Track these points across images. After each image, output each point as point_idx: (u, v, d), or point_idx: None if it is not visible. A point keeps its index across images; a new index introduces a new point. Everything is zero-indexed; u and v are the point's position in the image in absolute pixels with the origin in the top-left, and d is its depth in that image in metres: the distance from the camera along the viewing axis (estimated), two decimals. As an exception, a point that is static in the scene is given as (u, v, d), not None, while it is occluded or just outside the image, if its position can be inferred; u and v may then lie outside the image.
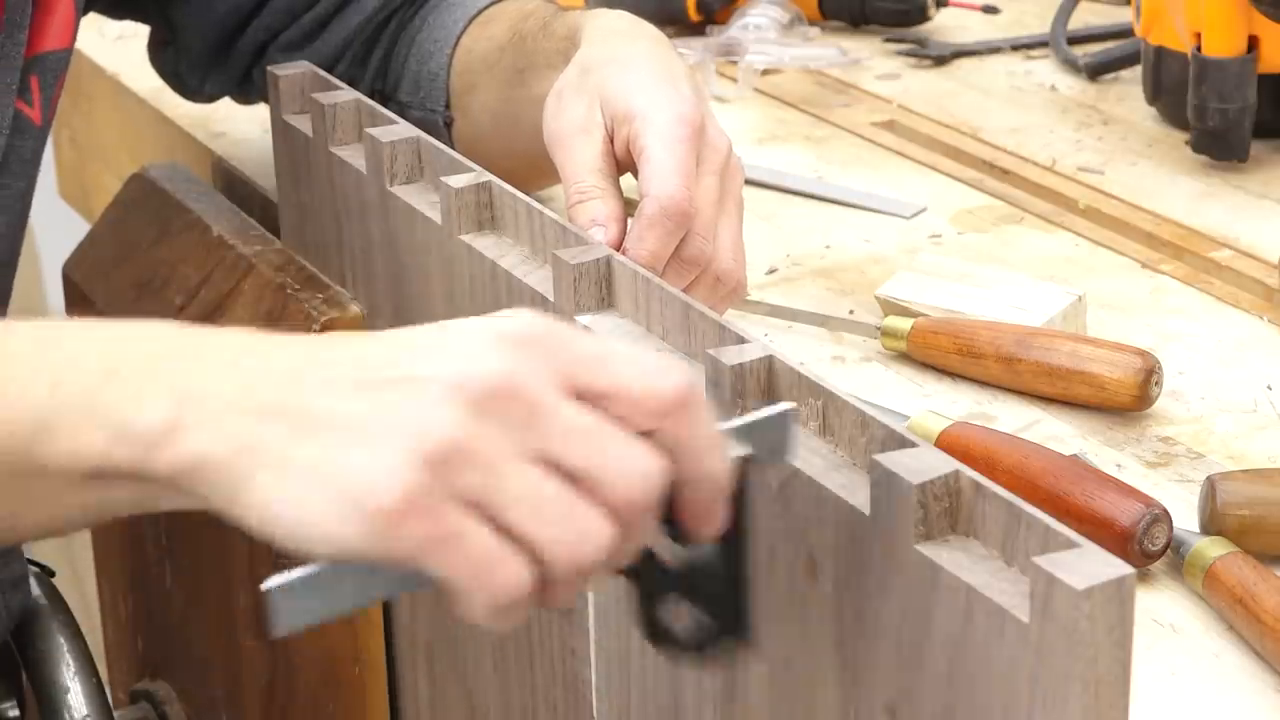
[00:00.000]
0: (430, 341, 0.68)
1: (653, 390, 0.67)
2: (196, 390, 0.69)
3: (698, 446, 0.68)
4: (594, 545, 0.65)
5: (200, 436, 0.68)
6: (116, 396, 0.69)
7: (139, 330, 0.73)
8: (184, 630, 1.26)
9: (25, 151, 1.07)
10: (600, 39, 1.05)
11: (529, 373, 0.66)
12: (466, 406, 0.65)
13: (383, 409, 0.66)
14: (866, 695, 0.73)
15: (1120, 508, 0.87)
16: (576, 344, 0.68)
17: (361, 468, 0.65)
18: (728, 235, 0.99)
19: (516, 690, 1.02)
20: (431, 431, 0.65)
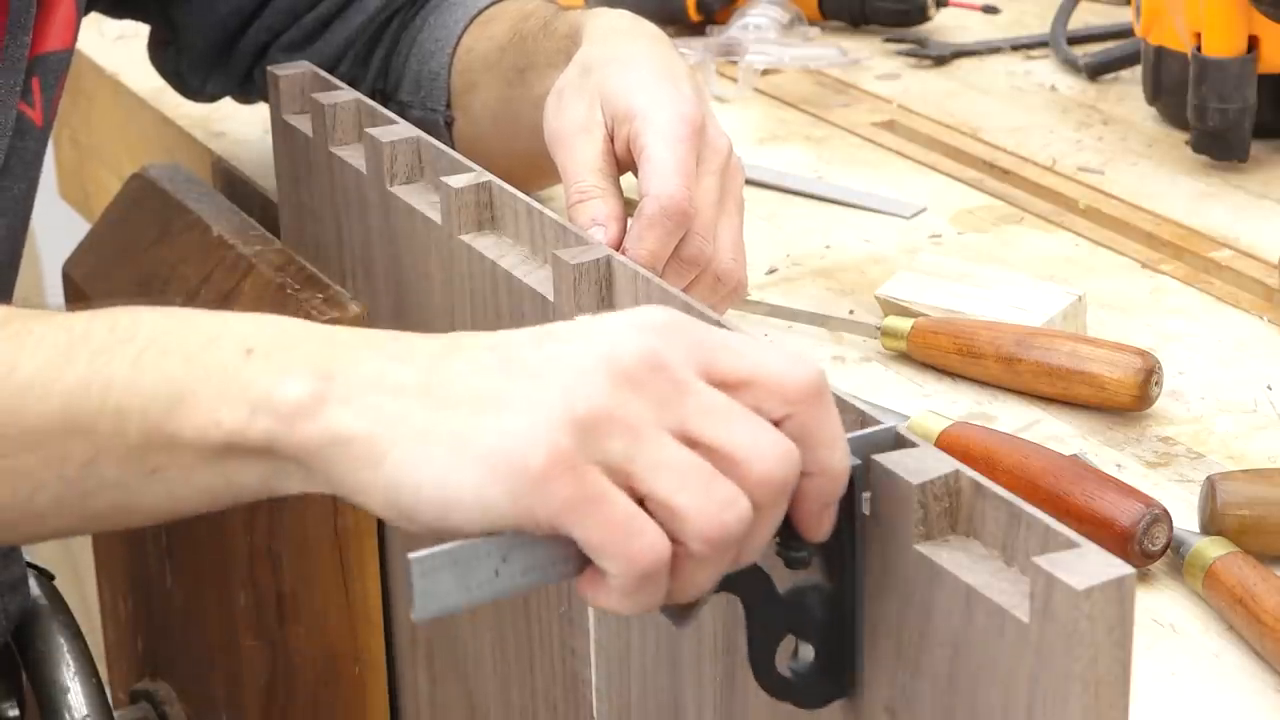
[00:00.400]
0: (573, 330, 0.69)
1: (787, 378, 0.68)
2: (338, 368, 0.69)
3: (825, 437, 0.68)
4: (734, 516, 0.66)
5: (341, 411, 0.68)
6: (257, 371, 0.70)
7: (270, 319, 0.74)
8: (184, 630, 1.26)
9: (27, 153, 1.06)
10: (601, 38, 1.05)
11: (672, 353, 0.67)
12: (612, 378, 0.66)
13: (529, 384, 0.67)
14: (866, 695, 0.73)
15: (1120, 508, 0.87)
16: (713, 332, 0.69)
17: (509, 431, 0.66)
18: (728, 235, 0.99)
19: (516, 690, 1.02)
20: (578, 398, 0.66)
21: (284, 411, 0.69)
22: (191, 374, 0.71)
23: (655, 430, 0.66)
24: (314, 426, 0.69)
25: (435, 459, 0.67)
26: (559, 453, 0.65)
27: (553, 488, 0.65)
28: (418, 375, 0.69)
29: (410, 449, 0.67)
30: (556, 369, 0.67)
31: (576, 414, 0.66)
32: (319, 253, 1.16)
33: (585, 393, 0.66)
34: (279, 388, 0.69)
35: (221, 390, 0.70)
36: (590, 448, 0.66)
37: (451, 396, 0.68)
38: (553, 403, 0.66)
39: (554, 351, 0.68)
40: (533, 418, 0.66)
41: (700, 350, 0.68)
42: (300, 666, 1.17)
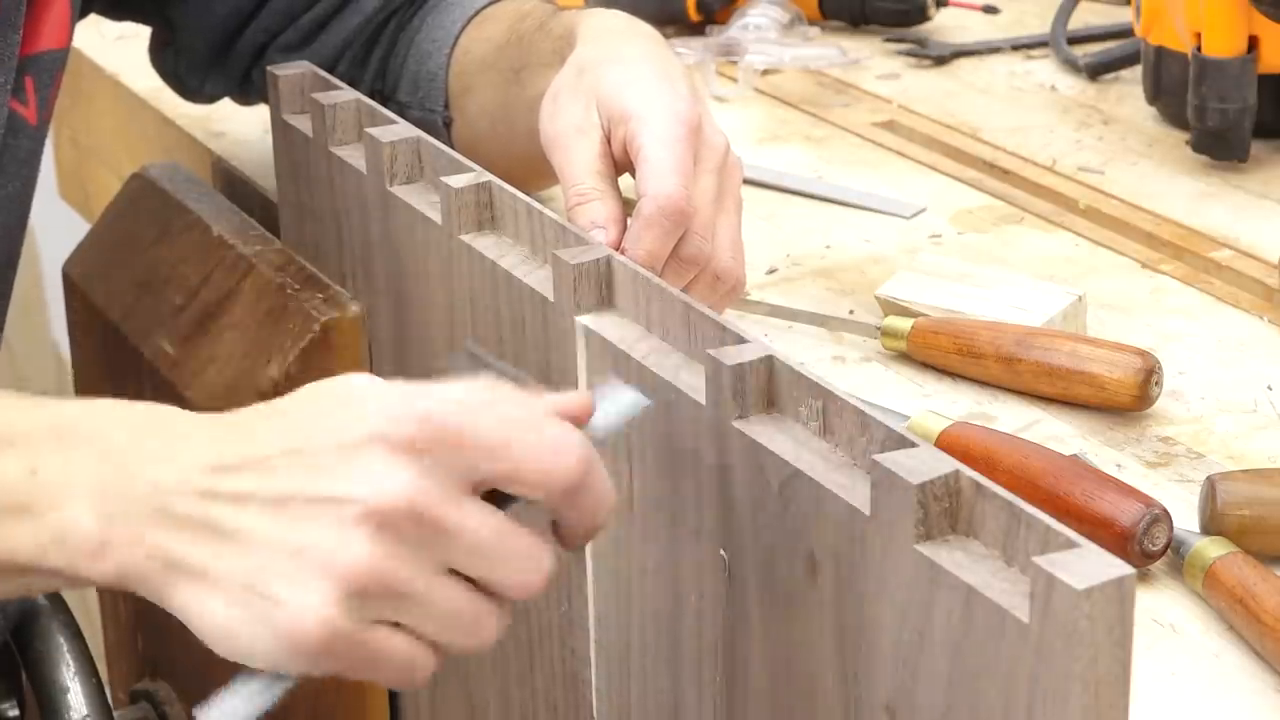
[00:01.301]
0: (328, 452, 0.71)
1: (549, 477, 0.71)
2: (117, 505, 0.72)
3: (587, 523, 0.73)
4: (489, 636, 0.72)
5: (129, 554, 0.72)
6: (44, 503, 0.73)
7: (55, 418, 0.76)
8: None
9: (21, 151, 1.06)
10: (595, 38, 1.04)
11: (433, 488, 0.70)
12: (378, 532, 0.69)
13: (296, 532, 0.70)
14: (866, 695, 0.73)
15: (1120, 508, 0.87)
16: (472, 434, 0.71)
17: (285, 602, 0.69)
18: (726, 234, 0.99)
19: (516, 690, 1.02)
20: (347, 564, 0.69)
21: (75, 552, 0.72)
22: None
23: (420, 580, 0.70)
24: (106, 565, 0.72)
25: (216, 610, 0.71)
26: (333, 628, 0.69)
27: (332, 657, 0.70)
28: (192, 509, 0.72)
29: (192, 593, 0.71)
30: (322, 517, 0.70)
31: (346, 584, 0.69)
32: (319, 253, 1.16)
33: (353, 556, 0.69)
34: (67, 529, 0.72)
35: (14, 519, 0.73)
36: (362, 613, 0.70)
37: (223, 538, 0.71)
38: (324, 566, 0.69)
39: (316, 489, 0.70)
40: (308, 588, 0.69)
41: (461, 463, 0.71)
42: (300, 666, 1.16)
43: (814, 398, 0.77)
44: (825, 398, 0.76)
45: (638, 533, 0.86)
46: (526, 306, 0.93)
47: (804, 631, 0.76)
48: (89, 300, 1.29)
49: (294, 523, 0.70)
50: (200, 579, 0.71)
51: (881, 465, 0.70)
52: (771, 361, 0.78)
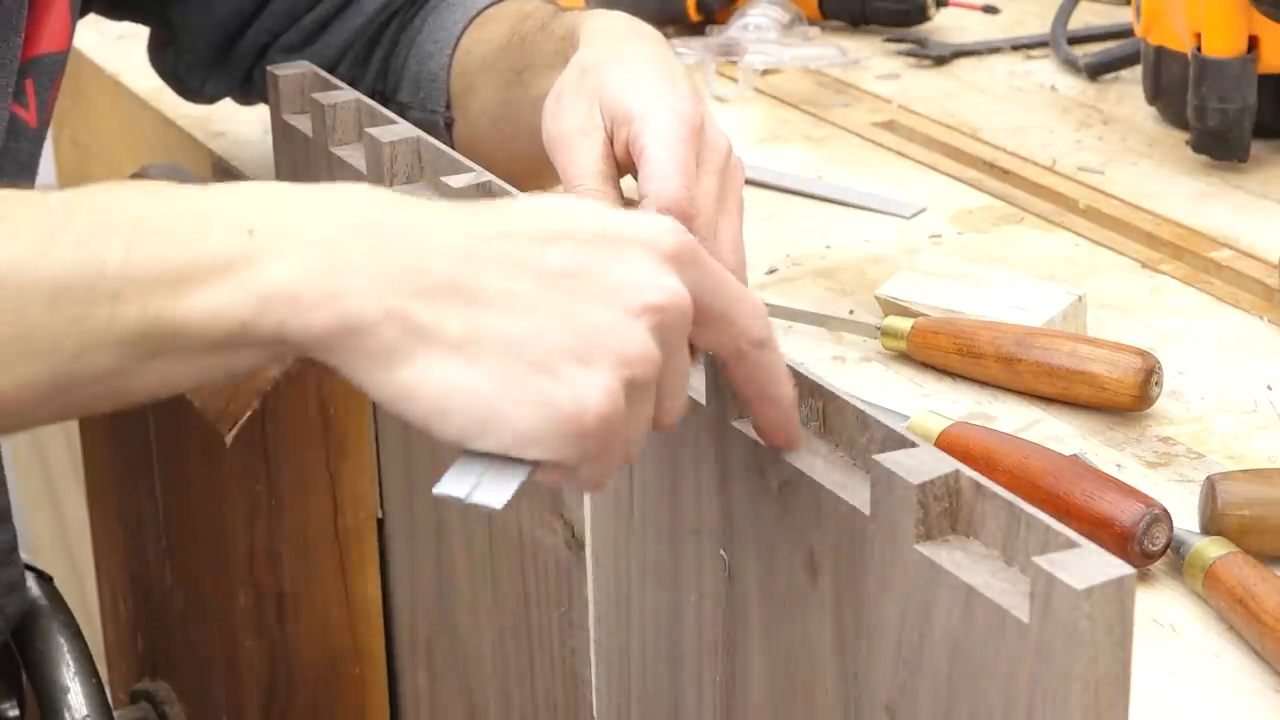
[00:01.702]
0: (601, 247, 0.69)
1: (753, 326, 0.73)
2: (354, 256, 0.67)
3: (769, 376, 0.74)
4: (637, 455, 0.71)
5: (364, 303, 0.66)
6: (264, 255, 0.67)
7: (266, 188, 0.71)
8: (184, 630, 1.26)
9: (21, 154, 1.06)
10: (597, 40, 1.05)
11: (689, 303, 0.70)
12: (653, 329, 0.68)
13: (581, 311, 0.68)
14: (866, 695, 0.73)
15: (1120, 508, 0.87)
16: (713, 265, 0.72)
17: (574, 380, 0.67)
18: (728, 235, 0.99)
19: (516, 690, 1.02)
20: (635, 351, 0.68)
21: (299, 299, 0.66)
22: (191, 259, 0.67)
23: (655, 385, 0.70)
24: (331, 313, 0.66)
25: (475, 383, 0.66)
26: (614, 411, 0.67)
27: (594, 441, 0.67)
28: (450, 271, 0.67)
29: (446, 363, 0.66)
30: (607, 304, 0.68)
31: (630, 375, 0.67)
32: (319, 253, 1.16)
33: (639, 350, 0.68)
34: (290, 276, 0.66)
35: (226, 278, 0.67)
36: (628, 399, 0.68)
37: (493, 308, 0.67)
38: (612, 355, 0.67)
39: (598, 281, 0.68)
40: (598, 374, 0.67)
41: (705, 287, 0.71)
42: (300, 666, 1.17)
43: (814, 398, 0.77)
44: (825, 398, 0.76)
45: (638, 533, 0.86)
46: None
47: (804, 631, 0.76)
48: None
49: (575, 300, 0.67)
50: (455, 348, 0.66)
51: (881, 465, 0.70)
52: (771, 361, 0.78)
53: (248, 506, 1.13)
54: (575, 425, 0.66)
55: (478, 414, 0.66)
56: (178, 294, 0.67)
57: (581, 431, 0.66)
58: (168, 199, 0.70)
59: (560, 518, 0.93)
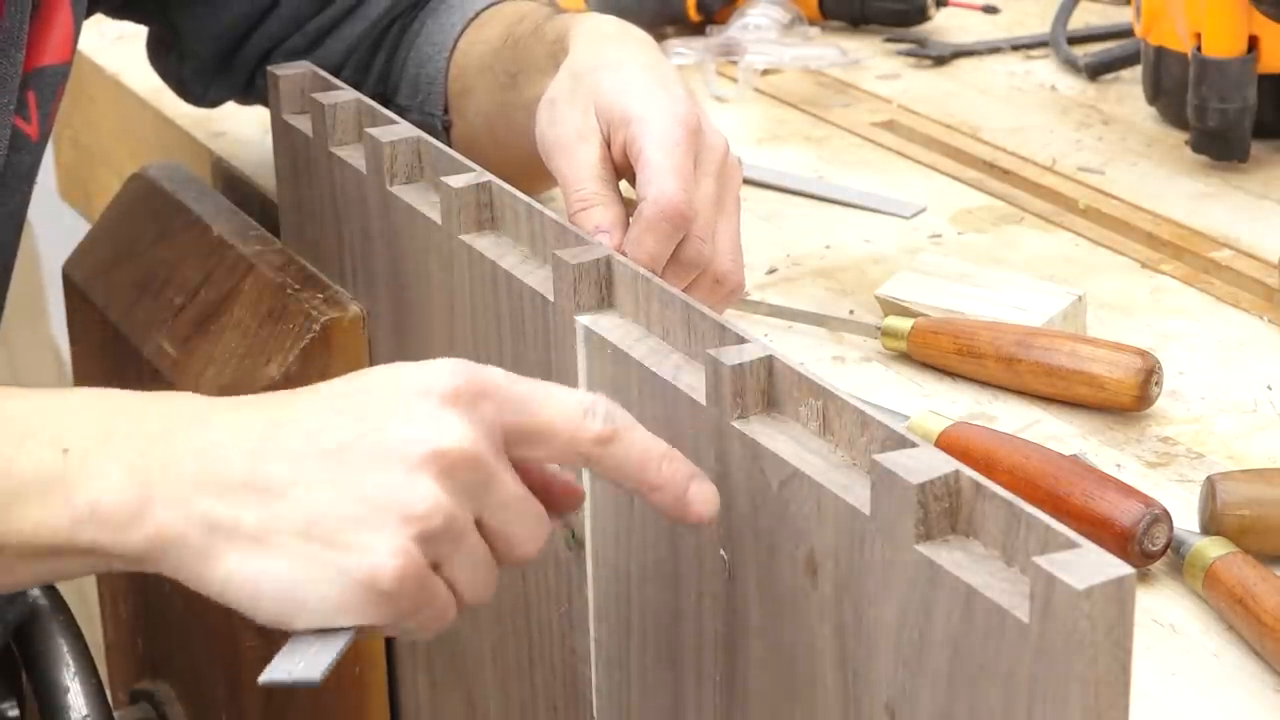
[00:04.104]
0: (379, 406, 0.72)
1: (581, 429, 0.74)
2: (155, 469, 0.71)
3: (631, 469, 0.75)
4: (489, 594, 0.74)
5: (169, 516, 0.71)
6: (75, 475, 0.71)
7: (84, 401, 0.75)
8: (184, 630, 1.26)
9: (21, 167, 1.06)
10: (588, 44, 1.04)
11: (481, 437, 0.71)
12: (439, 478, 0.71)
13: (360, 480, 0.70)
14: (866, 695, 0.73)
15: (1120, 508, 0.87)
16: (509, 390, 0.73)
17: (361, 547, 0.70)
18: (727, 236, 0.99)
19: (516, 690, 1.02)
20: (418, 506, 0.70)
21: (110, 520, 0.71)
22: (9, 480, 0.72)
23: (469, 527, 0.72)
24: (141, 533, 0.71)
25: (276, 568, 0.70)
26: (408, 569, 0.70)
27: (402, 600, 0.70)
28: (241, 470, 0.71)
29: (248, 556, 0.70)
30: (385, 467, 0.70)
31: (422, 528, 0.70)
32: (319, 253, 1.16)
33: (424, 500, 0.70)
34: (101, 498, 0.71)
35: (42, 498, 0.71)
36: (429, 557, 0.71)
37: (280, 497, 0.70)
38: (397, 511, 0.70)
39: (376, 442, 0.71)
40: (385, 532, 0.70)
41: (501, 417, 0.73)
42: (300, 666, 1.16)
43: (814, 398, 0.77)
44: (825, 398, 0.76)
45: (638, 533, 0.86)
46: (526, 306, 0.93)
47: (804, 631, 0.76)
48: (89, 300, 1.29)
49: (355, 471, 0.70)
50: (253, 540, 0.70)
51: (881, 465, 0.70)
52: (771, 361, 0.78)
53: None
54: (372, 589, 0.70)
55: (284, 597, 0.70)
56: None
57: (380, 595, 0.70)
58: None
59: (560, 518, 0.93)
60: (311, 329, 1.11)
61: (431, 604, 0.72)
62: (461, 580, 0.73)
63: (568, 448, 0.74)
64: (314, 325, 1.11)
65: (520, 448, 0.74)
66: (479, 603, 0.74)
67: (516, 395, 0.73)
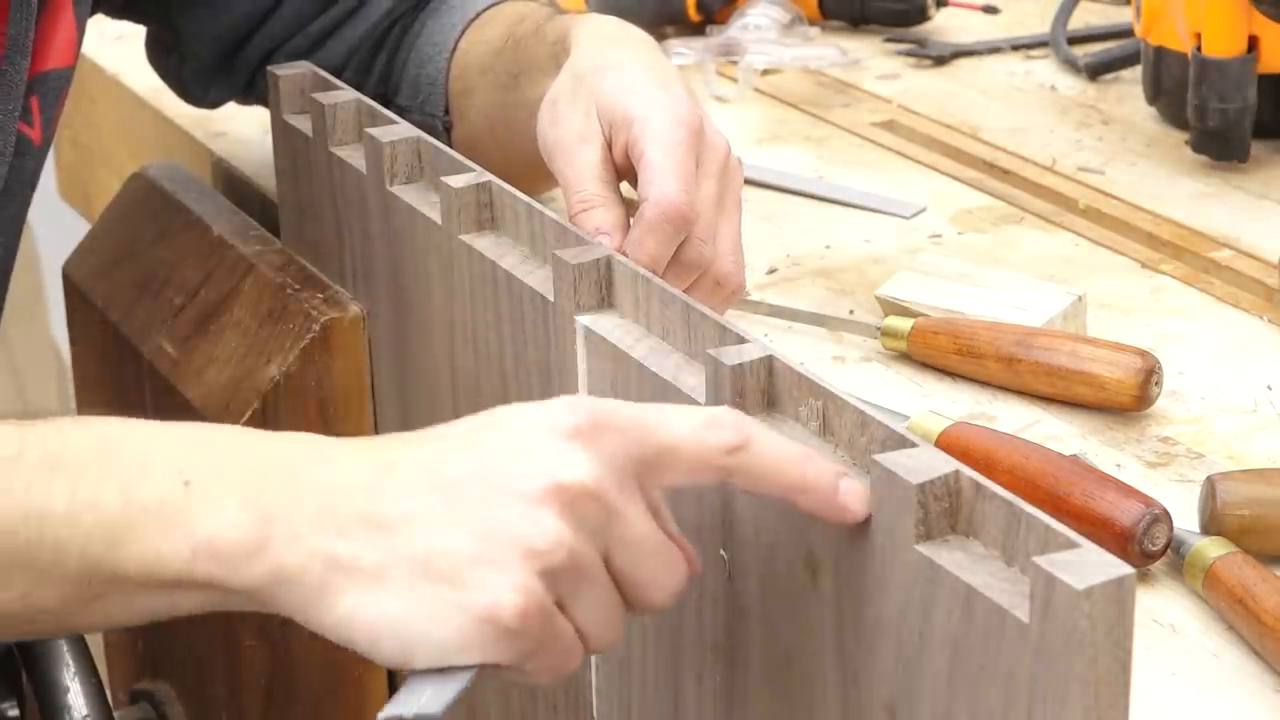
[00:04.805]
0: (498, 443, 0.71)
1: (705, 448, 0.71)
2: (275, 505, 0.70)
3: (765, 473, 0.72)
4: (618, 638, 0.72)
5: (288, 553, 0.70)
6: (197, 508, 0.71)
7: (199, 434, 0.75)
8: (184, 630, 1.26)
9: (24, 172, 1.06)
10: (589, 45, 1.04)
11: (607, 472, 0.70)
12: (562, 513, 0.69)
13: (479, 515, 0.69)
14: (866, 695, 0.73)
15: (1120, 508, 0.87)
16: (629, 419, 0.71)
17: (481, 584, 0.68)
18: (728, 237, 0.99)
19: (516, 691, 1.02)
20: (541, 541, 0.69)
21: (229, 555, 0.70)
22: (130, 510, 0.71)
23: (594, 566, 0.70)
24: (261, 568, 0.70)
25: (396, 606, 0.69)
26: (530, 605, 0.68)
27: (522, 639, 0.69)
28: (361, 507, 0.70)
29: (366, 593, 0.69)
30: (506, 502, 0.69)
31: (545, 563, 0.69)
32: (319, 253, 1.16)
33: (545, 534, 0.69)
34: (221, 530, 0.70)
35: (163, 529, 0.71)
36: (552, 592, 0.69)
37: (399, 534, 0.70)
38: (519, 545, 0.68)
39: (495, 477, 0.70)
40: (508, 567, 0.68)
41: (625, 449, 0.71)
42: (300, 667, 1.17)
43: (814, 398, 0.77)
44: (825, 398, 0.76)
45: (638, 533, 0.86)
46: (526, 306, 0.93)
47: (804, 631, 0.76)
48: (89, 300, 1.29)
49: (475, 506, 0.69)
50: (372, 578, 0.69)
51: (881, 465, 0.70)
52: (771, 361, 0.78)
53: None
54: (493, 627, 0.68)
55: (403, 635, 0.69)
56: (117, 543, 0.71)
57: (502, 631, 0.68)
58: (110, 445, 0.73)
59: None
60: (311, 329, 1.11)
61: (556, 644, 0.70)
62: (587, 621, 0.71)
63: (700, 464, 0.72)
64: (314, 325, 1.11)
65: (652, 475, 0.72)
66: (606, 647, 0.72)
67: (639, 421, 0.71)
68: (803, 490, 0.72)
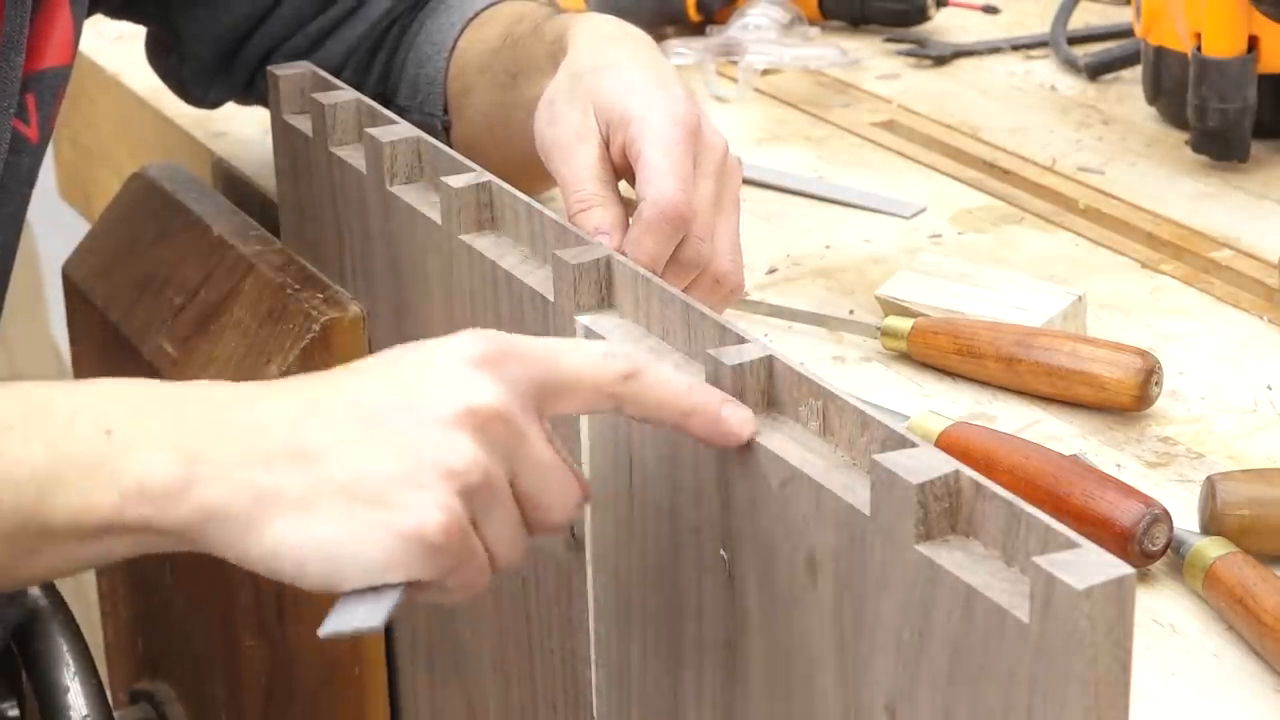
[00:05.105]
0: (412, 373, 0.75)
1: (600, 377, 0.76)
2: (199, 447, 0.73)
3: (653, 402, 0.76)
4: (519, 562, 0.76)
5: (214, 489, 0.72)
6: (121, 455, 0.73)
7: (118, 388, 0.77)
8: (184, 630, 1.26)
9: (21, 170, 1.06)
10: (587, 44, 1.04)
11: (513, 396, 0.74)
12: (475, 435, 0.72)
13: (400, 440, 0.72)
14: (866, 695, 0.73)
15: (1120, 508, 0.87)
16: (531, 348, 0.75)
17: (406, 504, 0.71)
18: (726, 236, 0.99)
19: (516, 690, 1.02)
20: (458, 462, 0.72)
21: (157, 495, 0.72)
22: (55, 464, 0.73)
23: (502, 482, 0.74)
24: (189, 505, 0.72)
25: (322, 531, 0.71)
26: (452, 522, 0.71)
27: (444, 555, 0.72)
28: (283, 439, 0.73)
29: (293, 521, 0.72)
30: (422, 426, 0.72)
31: (464, 481, 0.72)
32: (319, 253, 1.16)
33: (463, 454, 0.72)
34: (147, 473, 0.72)
35: (88, 478, 0.73)
36: (469, 511, 0.72)
37: (323, 462, 0.72)
38: (439, 466, 0.71)
39: (412, 404, 0.73)
40: (430, 487, 0.71)
41: (528, 375, 0.75)
42: (300, 666, 1.17)
43: (814, 398, 0.77)
44: (825, 398, 0.76)
45: (638, 533, 0.86)
46: (526, 306, 0.93)
47: (804, 631, 0.76)
48: (89, 300, 1.29)
49: (394, 432, 0.72)
50: (297, 505, 0.71)
51: (881, 465, 0.70)
52: (771, 361, 0.78)
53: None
54: (419, 544, 0.71)
55: (331, 559, 0.71)
56: (45, 497, 0.73)
57: (427, 548, 0.71)
58: (36, 403, 0.76)
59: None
60: (311, 329, 1.11)
61: (471, 561, 0.73)
62: (496, 540, 0.74)
63: (596, 392, 0.75)
64: (314, 325, 1.11)
65: (551, 402, 0.75)
66: (510, 566, 0.75)
67: (540, 351, 0.75)
68: (689, 414, 0.76)
